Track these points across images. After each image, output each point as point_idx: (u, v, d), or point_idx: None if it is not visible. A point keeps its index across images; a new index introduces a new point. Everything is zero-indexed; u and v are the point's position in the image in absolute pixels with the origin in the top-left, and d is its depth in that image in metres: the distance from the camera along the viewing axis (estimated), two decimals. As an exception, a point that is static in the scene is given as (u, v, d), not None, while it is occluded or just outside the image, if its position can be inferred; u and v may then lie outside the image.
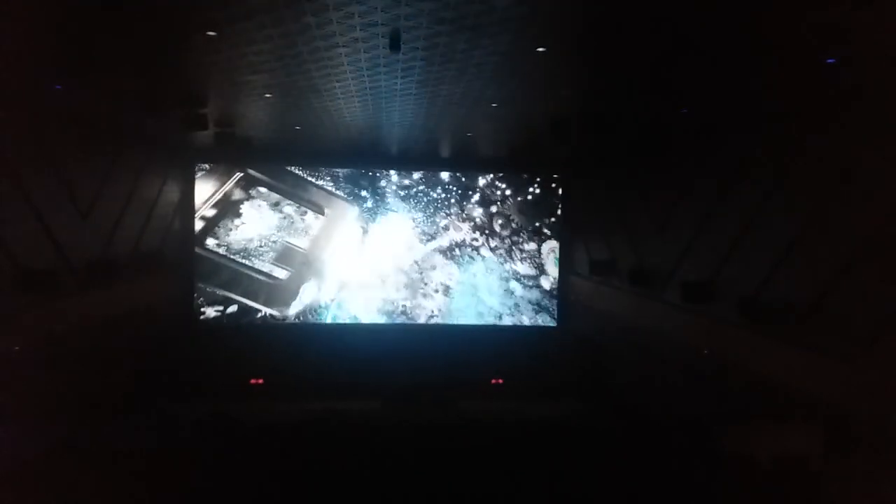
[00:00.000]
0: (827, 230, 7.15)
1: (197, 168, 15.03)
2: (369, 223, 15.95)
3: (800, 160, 7.65)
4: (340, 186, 15.82)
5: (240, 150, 12.95)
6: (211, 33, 5.64)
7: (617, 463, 6.66)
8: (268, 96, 8.36)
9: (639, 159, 12.14)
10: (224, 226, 15.28)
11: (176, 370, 12.85)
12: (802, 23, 4.95)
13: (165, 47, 6.31)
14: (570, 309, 15.94)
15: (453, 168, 15.95)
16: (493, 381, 14.41)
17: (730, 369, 8.84)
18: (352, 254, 15.82)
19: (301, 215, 15.66)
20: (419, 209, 16.12)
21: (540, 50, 6.06)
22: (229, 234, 15.25)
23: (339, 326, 15.77)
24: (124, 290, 11.91)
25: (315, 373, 13.42)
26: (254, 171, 15.35)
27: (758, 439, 6.91)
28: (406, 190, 16.05)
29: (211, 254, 15.21)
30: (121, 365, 11.67)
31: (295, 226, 15.61)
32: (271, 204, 15.53)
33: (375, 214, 15.95)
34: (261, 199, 15.48)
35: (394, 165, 15.78)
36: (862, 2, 4.23)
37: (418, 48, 6.04)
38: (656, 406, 10.92)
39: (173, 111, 8.56)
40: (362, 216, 15.91)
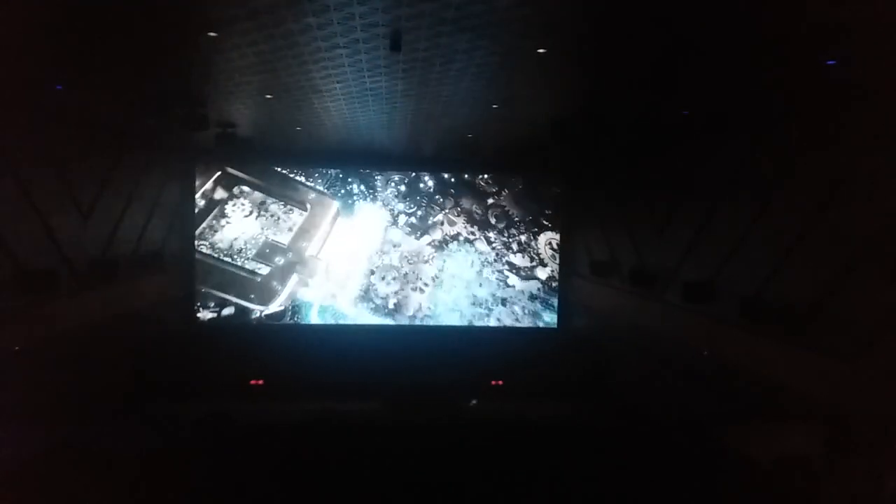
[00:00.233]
0: (827, 230, 7.16)
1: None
2: (360, 218, 15.86)
3: (800, 160, 7.66)
4: (330, 182, 15.74)
5: (240, 151, 12.97)
6: (212, 34, 5.65)
7: (617, 463, 6.66)
8: (269, 97, 8.36)
9: (639, 159, 12.15)
10: (210, 226, 15.27)
11: (176, 370, 12.83)
12: (803, 23, 4.96)
13: (166, 47, 6.32)
14: (571, 309, 15.95)
15: (454, 169, 15.93)
16: (494, 383, 14.39)
17: (730, 369, 8.85)
18: (341, 249, 15.77)
19: (285, 213, 15.59)
20: (412, 203, 16.06)
21: (540, 51, 6.06)
22: (214, 234, 15.24)
23: (339, 327, 15.77)
24: (125, 290, 11.92)
25: (315, 373, 13.38)
26: (232, 168, 15.30)
27: (758, 439, 6.91)
28: (398, 185, 16.00)
29: (201, 255, 15.25)
30: (121, 365, 11.68)
31: (279, 223, 15.53)
32: (254, 202, 15.48)
33: (367, 209, 15.88)
34: (244, 198, 15.45)
35: (394, 166, 15.77)
36: None
37: (419, 49, 6.04)
38: (657, 406, 10.92)
39: (174, 111, 8.56)
40: (353, 211, 15.83)
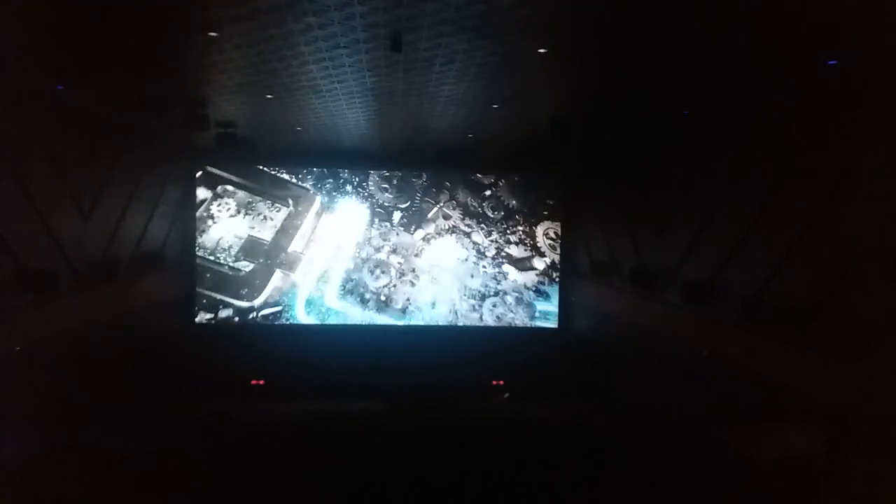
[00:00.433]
0: (828, 230, 7.16)
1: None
2: (351, 212, 15.82)
3: (801, 160, 7.66)
4: (321, 177, 15.72)
5: (241, 151, 12.95)
6: (213, 34, 5.66)
7: (617, 463, 6.65)
8: (269, 97, 8.37)
9: (640, 160, 12.15)
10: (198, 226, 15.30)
11: (176, 370, 12.83)
12: (803, 23, 4.97)
13: (166, 47, 6.33)
14: (571, 309, 15.95)
15: (454, 169, 15.93)
16: (494, 383, 14.39)
17: (730, 369, 8.85)
18: (328, 244, 15.76)
19: (270, 210, 15.56)
20: (406, 197, 16.04)
21: (541, 51, 6.07)
22: (201, 234, 15.25)
23: (339, 327, 15.77)
24: (125, 290, 11.93)
25: (315, 373, 13.38)
26: (215, 168, 15.27)
27: (758, 439, 6.91)
28: (391, 179, 15.97)
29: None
30: (121, 365, 11.68)
31: (265, 222, 15.50)
32: (239, 201, 15.46)
33: (358, 203, 15.87)
34: (227, 197, 15.40)
35: (394, 166, 15.77)
36: None
37: (420, 49, 6.05)
38: (657, 406, 10.92)
39: (175, 111, 8.58)
40: (345, 206, 15.80)
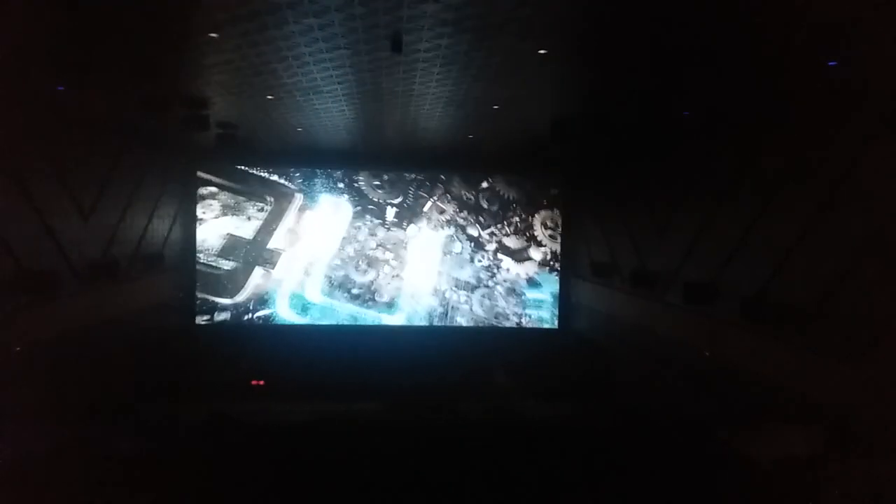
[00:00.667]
0: (828, 230, 7.17)
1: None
2: (340, 208, 15.83)
3: (801, 160, 7.66)
4: (310, 174, 15.71)
5: (241, 151, 12.98)
6: (213, 34, 5.66)
7: (617, 463, 6.65)
8: (270, 97, 8.37)
9: (640, 160, 12.15)
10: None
11: (176, 371, 12.83)
12: (803, 23, 4.97)
13: (168, 48, 6.33)
14: (571, 310, 15.95)
15: (454, 169, 15.94)
16: (494, 383, 14.41)
17: (730, 370, 8.85)
18: (314, 240, 15.80)
19: (254, 209, 15.59)
20: (399, 192, 16.04)
21: (541, 52, 6.08)
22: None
23: (340, 328, 15.78)
24: (125, 290, 11.93)
25: (316, 374, 13.39)
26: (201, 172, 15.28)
27: (758, 439, 6.91)
28: (381, 176, 15.99)
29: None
30: (121, 365, 11.67)
31: (249, 221, 15.54)
32: (223, 202, 15.46)
33: (348, 199, 15.89)
34: (211, 199, 15.41)
35: (394, 167, 15.78)
36: None
37: (420, 50, 6.05)
38: (657, 406, 10.92)
39: (175, 112, 8.58)
40: (336, 201, 15.80)
